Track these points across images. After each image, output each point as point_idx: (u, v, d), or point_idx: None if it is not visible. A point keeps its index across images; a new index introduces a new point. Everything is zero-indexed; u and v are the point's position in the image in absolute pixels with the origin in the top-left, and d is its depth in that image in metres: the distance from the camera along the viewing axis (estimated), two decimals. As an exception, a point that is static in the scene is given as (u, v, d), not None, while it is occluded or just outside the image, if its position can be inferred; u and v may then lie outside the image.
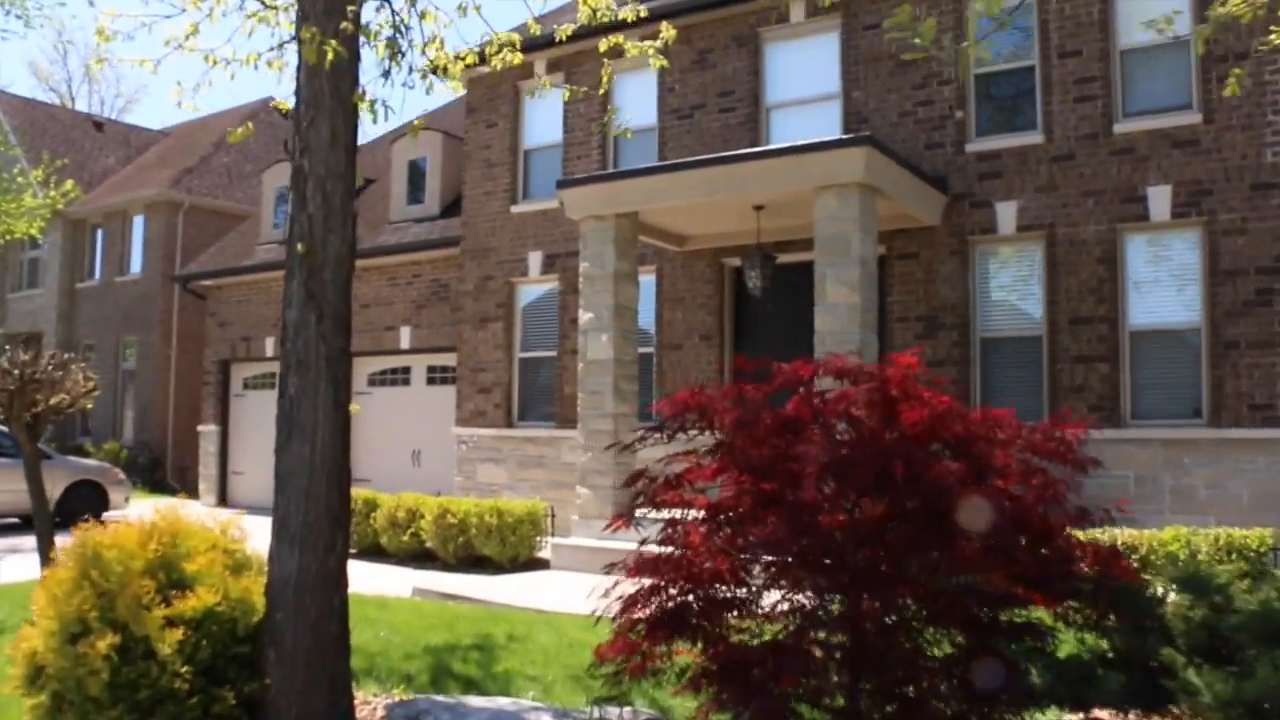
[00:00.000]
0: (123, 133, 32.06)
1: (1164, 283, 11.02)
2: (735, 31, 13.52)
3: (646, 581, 4.03)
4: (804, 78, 13.21)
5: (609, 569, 4.10)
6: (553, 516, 11.90)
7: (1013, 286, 11.82)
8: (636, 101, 14.49)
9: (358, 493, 13.00)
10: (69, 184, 18.51)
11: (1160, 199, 10.88)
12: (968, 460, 3.88)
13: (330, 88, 4.85)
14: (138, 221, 25.93)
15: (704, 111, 13.76)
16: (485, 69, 6.45)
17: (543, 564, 11.39)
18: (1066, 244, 11.32)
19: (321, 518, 4.83)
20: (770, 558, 3.89)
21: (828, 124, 12.67)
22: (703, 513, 4.05)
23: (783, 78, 13.37)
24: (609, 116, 13.19)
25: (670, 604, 3.95)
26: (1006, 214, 11.67)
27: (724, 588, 3.98)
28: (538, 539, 11.56)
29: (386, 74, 5.18)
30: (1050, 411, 11.28)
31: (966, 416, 4.02)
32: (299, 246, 4.76)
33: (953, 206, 11.97)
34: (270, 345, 19.59)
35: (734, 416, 3.87)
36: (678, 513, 4.14)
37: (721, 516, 3.98)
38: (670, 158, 13.30)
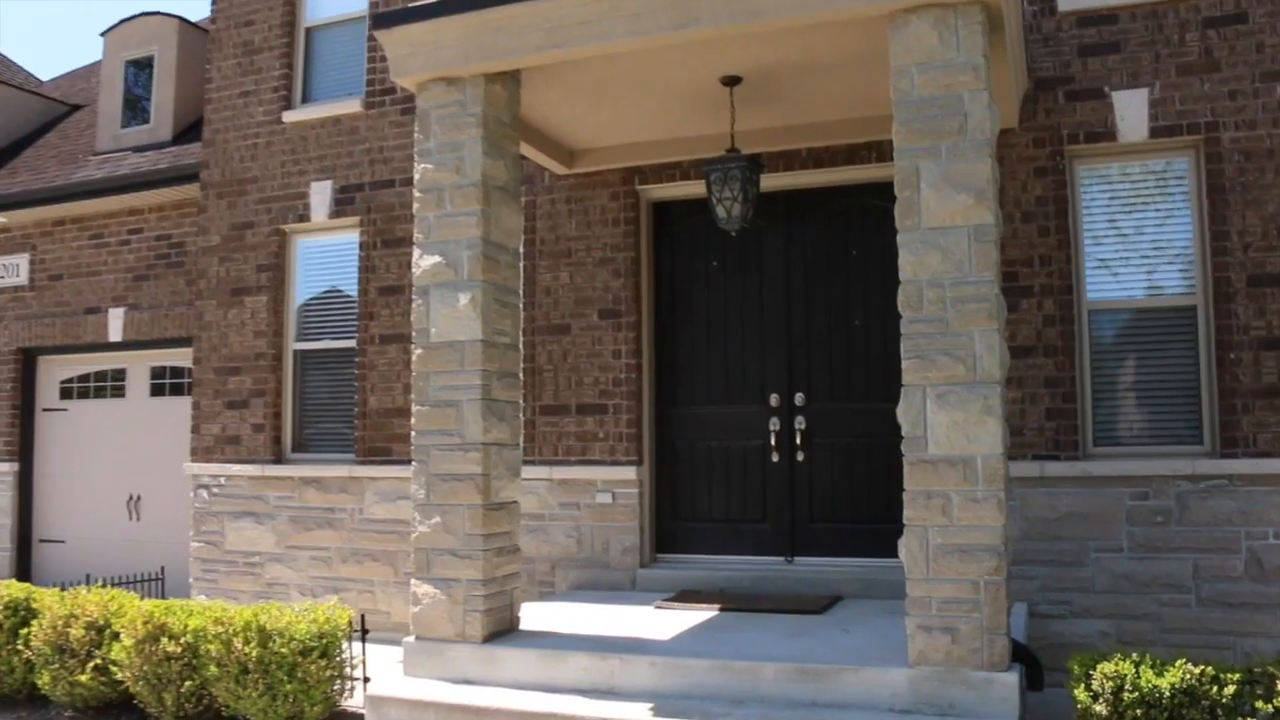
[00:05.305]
0: None
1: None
2: None
3: None
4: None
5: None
6: (364, 632, 6.41)
7: (1143, 226, 7.23)
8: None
9: (-1, 587, 7.04)
10: None
11: (1404, 79, 6.59)
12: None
13: None
14: None
15: (604, -42, 8.61)
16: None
17: (346, 732, 5.90)
18: (1238, 157, 6.85)
19: None
20: None
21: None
22: None
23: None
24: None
25: None
26: (1131, 109, 7.10)
27: None
28: (338, 678, 6.02)
29: None
30: (1217, 423, 6.76)
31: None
32: None
33: (1038, 99, 7.33)
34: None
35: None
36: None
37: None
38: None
